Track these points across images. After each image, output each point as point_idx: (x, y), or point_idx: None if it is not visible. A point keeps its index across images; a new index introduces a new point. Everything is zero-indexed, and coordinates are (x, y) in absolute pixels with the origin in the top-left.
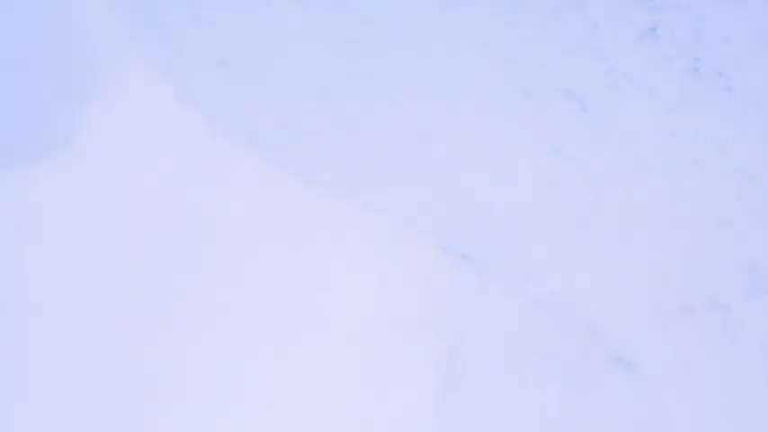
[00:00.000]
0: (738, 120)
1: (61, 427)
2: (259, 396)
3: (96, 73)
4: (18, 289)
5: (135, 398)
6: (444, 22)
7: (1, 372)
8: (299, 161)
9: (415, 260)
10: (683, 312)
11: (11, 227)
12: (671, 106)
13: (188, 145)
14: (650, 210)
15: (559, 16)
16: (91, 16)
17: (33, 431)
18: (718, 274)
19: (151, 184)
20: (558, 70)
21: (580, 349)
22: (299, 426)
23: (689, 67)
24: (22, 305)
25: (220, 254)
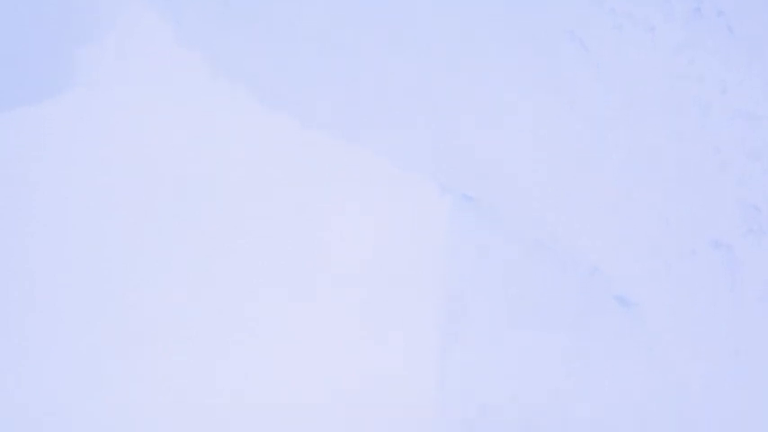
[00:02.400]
0: (739, 60)
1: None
2: (260, 337)
3: (95, 14)
4: (18, 227)
5: (137, 333)
6: None
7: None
8: (299, 103)
9: (417, 201)
10: (684, 252)
11: (11, 168)
12: (673, 47)
13: (188, 86)
14: (651, 151)
15: None
16: None
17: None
18: (720, 215)
19: (152, 125)
20: (558, 12)
21: (581, 290)
22: (300, 362)
23: (691, 8)
24: (22, 244)
25: (221, 195)
